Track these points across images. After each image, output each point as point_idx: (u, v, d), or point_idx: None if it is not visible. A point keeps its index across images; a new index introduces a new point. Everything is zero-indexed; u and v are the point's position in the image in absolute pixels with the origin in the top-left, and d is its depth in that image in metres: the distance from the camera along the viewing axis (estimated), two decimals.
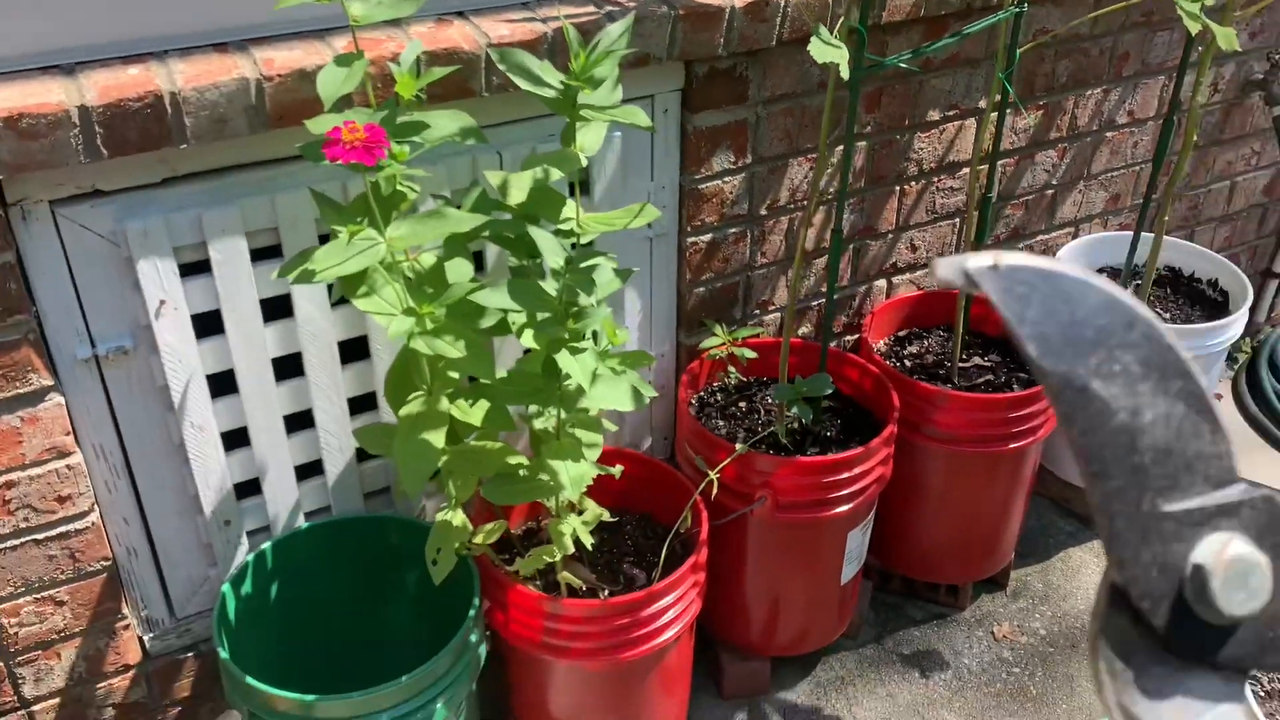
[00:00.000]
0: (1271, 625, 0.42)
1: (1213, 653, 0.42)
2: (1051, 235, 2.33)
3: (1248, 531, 0.43)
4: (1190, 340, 2.11)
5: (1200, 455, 0.43)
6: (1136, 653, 0.42)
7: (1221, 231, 2.65)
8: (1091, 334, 0.42)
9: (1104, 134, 2.25)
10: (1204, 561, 0.41)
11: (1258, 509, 0.43)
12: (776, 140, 1.83)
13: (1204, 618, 0.42)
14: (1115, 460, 0.42)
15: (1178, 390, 0.43)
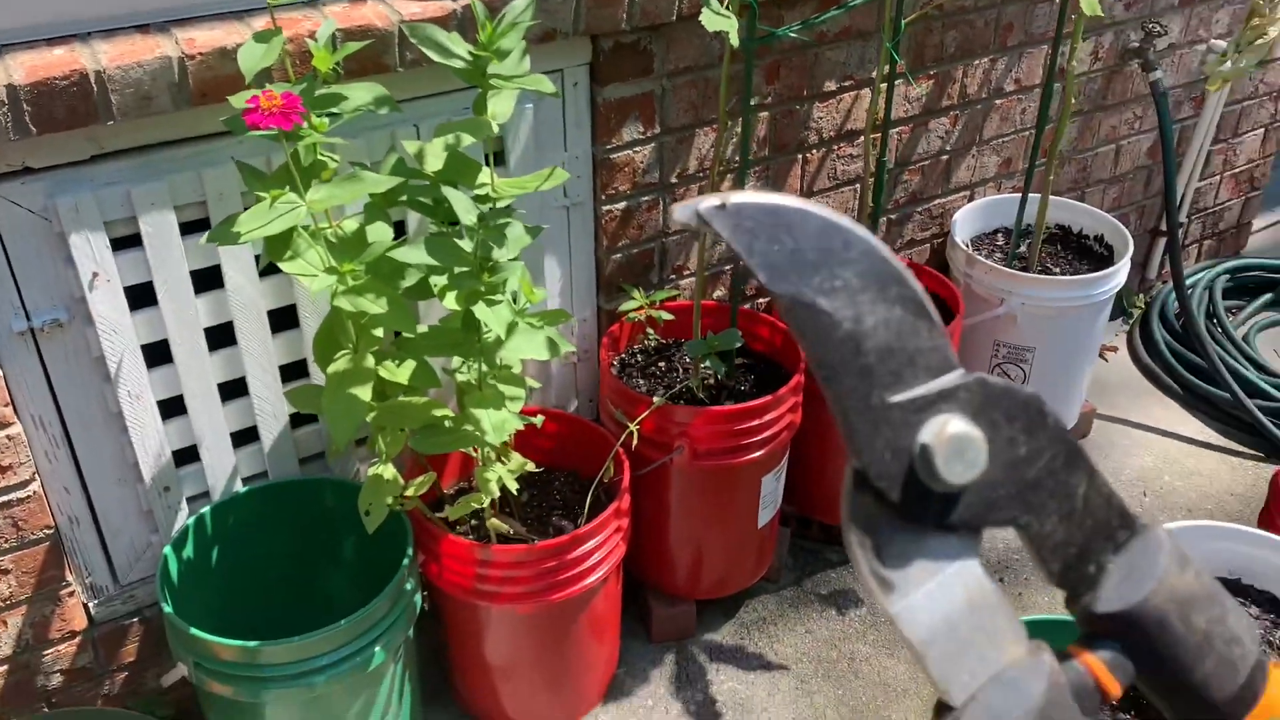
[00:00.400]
0: (992, 489, 0.47)
1: (945, 517, 0.47)
2: (948, 199, 2.47)
3: (964, 411, 0.47)
4: (1077, 290, 2.26)
5: (919, 350, 0.47)
6: (881, 526, 0.47)
7: (1110, 192, 2.81)
8: (813, 256, 0.46)
9: (993, 101, 2.39)
10: (928, 441, 0.46)
11: (972, 391, 0.47)
12: (682, 111, 1.94)
13: (933, 489, 0.47)
14: (843, 364, 0.46)
15: (895, 296, 0.47)
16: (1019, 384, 0.45)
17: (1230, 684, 0.49)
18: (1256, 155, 3.13)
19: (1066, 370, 2.42)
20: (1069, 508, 0.49)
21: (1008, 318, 2.30)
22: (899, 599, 0.47)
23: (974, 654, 0.47)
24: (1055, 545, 0.50)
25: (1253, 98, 2.97)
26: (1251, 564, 1.75)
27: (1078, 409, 2.56)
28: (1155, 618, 0.49)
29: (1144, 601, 0.49)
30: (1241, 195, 3.19)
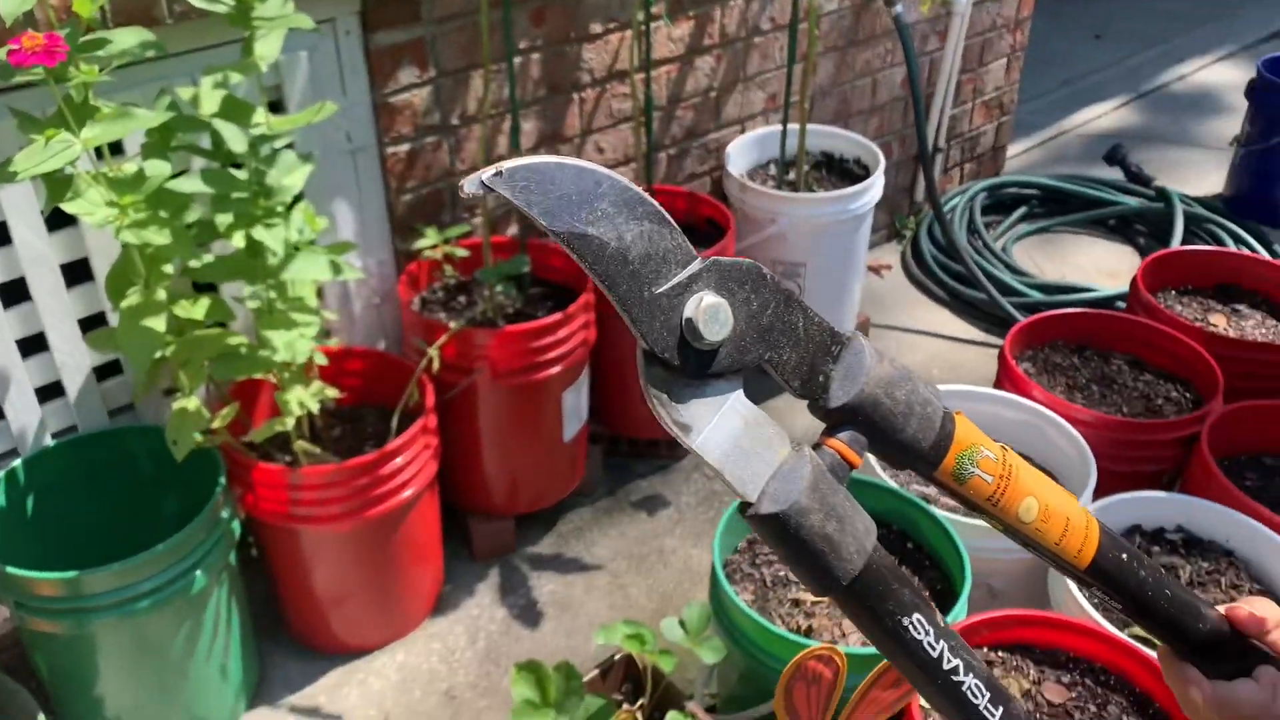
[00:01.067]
0: (740, 338, 0.60)
1: (712, 366, 0.60)
2: (720, 133, 2.67)
3: (709, 286, 0.59)
4: (836, 205, 2.50)
5: (669, 250, 0.58)
6: (669, 385, 0.60)
7: (872, 121, 3.08)
8: (576, 197, 0.56)
9: (752, 39, 2.61)
10: (690, 314, 0.58)
11: (711, 271, 0.59)
12: (455, 55, 2.07)
13: (700, 348, 0.59)
14: (618, 274, 0.57)
15: (641, 214, 0.58)
16: (739, 259, 0.60)
17: (930, 433, 0.65)
18: (1003, 83, 3.46)
19: (837, 281, 2.67)
20: (795, 339, 0.62)
21: (779, 236, 2.53)
22: (696, 435, 0.59)
23: (757, 460, 0.60)
24: (792, 369, 0.63)
25: (993, 29, 3.29)
26: (985, 419, 2.01)
27: (853, 318, 2.82)
28: (870, 400, 0.63)
29: (860, 391, 0.63)
30: (994, 120, 3.53)
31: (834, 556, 0.60)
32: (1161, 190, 3.39)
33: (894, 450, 0.65)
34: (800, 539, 0.59)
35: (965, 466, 0.66)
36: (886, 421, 0.63)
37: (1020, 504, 0.67)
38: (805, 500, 0.59)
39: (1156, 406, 2.06)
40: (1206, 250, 2.50)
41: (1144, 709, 1.48)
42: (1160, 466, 1.96)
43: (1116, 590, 0.72)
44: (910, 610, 0.63)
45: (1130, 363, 2.19)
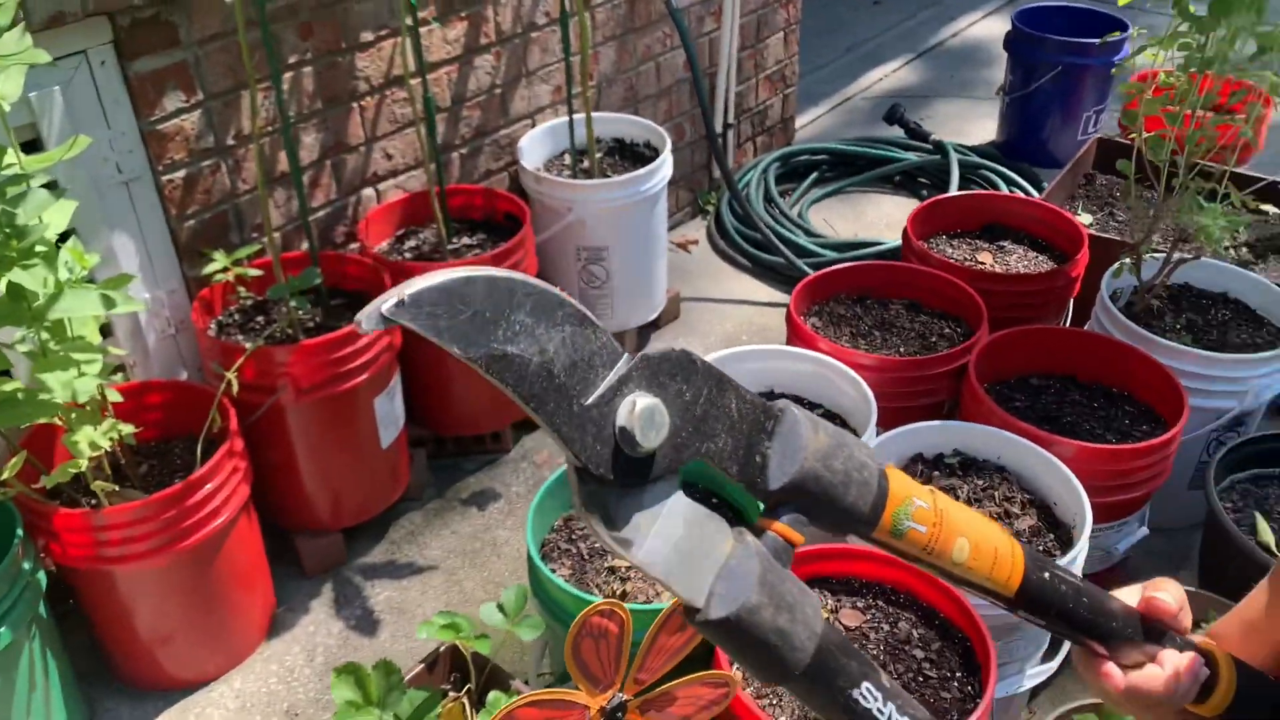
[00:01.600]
0: (676, 435, 0.56)
1: (651, 473, 0.56)
2: (512, 129, 2.72)
3: (641, 386, 0.55)
4: (628, 188, 2.58)
5: (594, 353, 0.54)
6: (606, 500, 0.55)
7: (661, 105, 3.18)
8: (490, 314, 0.51)
9: (529, 35, 2.66)
10: (623, 423, 0.54)
11: (640, 368, 0.55)
12: (221, 76, 2.05)
13: (637, 456, 0.55)
14: (543, 391, 0.52)
15: (561, 318, 0.53)
16: (668, 347, 0.57)
17: (868, 496, 0.62)
18: (783, 56, 3.62)
19: (642, 260, 2.76)
20: (730, 423, 0.58)
21: (578, 223, 2.59)
22: (637, 549, 0.55)
23: (701, 561, 0.57)
24: (729, 455, 0.59)
25: (766, 6, 3.44)
26: (778, 375, 2.13)
27: (663, 295, 2.91)
28: (811, 476, 0.60)
29: (800, 468, 0.59)
30: (779, 93, 3.69)
31: (787, 649, 0.57)
32: (939, 143, 3.61)
33: (835, 522, 0.62)
34: (751, 638, 0.56)
35: (901, 522, 0.63)
36: (827, 495, 0.60)
37: (954, 546, 0.65)
38: (755, 597, 0.56)
39: (932, 344, 2.22)
40: (969, 195, 2.69)
41: (930, 620, 1.61)
42: (939, 398, 2.11)
43: (1041, 610, 0.70)
44: (859, 680, 0.61)
45: (908, 306, 2.34)
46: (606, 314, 2.77)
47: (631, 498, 0.56)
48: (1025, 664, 1.77)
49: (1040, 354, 2.15)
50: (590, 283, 2.72)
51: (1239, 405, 2.08)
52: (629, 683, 1.22)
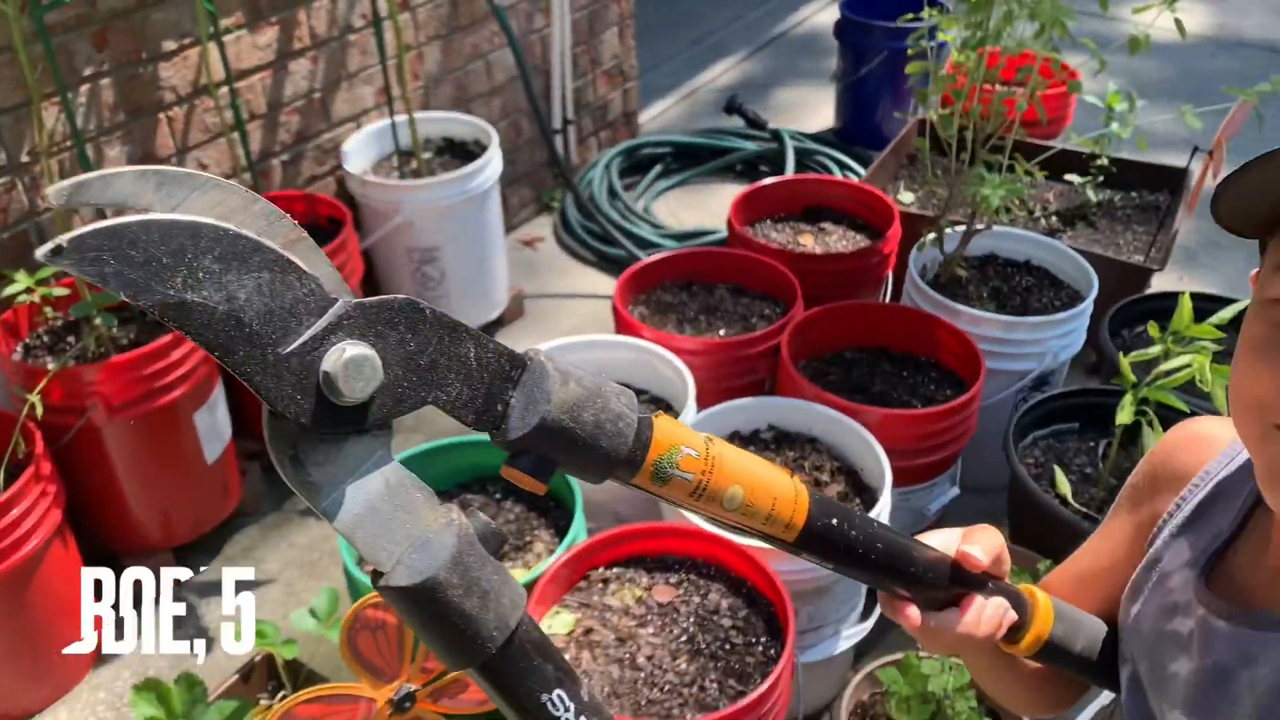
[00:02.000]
0: (396, 386, 0.54)
1: (362, 423, 0.53)
2: (335, 132, 2.69)
3: (352, 334, 0.52)
4: (458, 185, 2.58)
5: (297, 300, 0.51)
6: (301, 443, 0.52)
7: (495, 102, 3.19)
8: (168, 260, 0.47)
9: (346, 38, 2.64)
10: (329, 369, 0.51)
11: (353, 316, 0.52)
12: (8, 91, 1.98)
13: (343, 405, 0.52)
14: (230, 340, 0.49)
15: (258, 264, 0.49)
16: (390, 296, 0.53)
17: (623, 447, 0.60)
18: (619, 51, 3.66)
19: (478, 259, 2.76)
20: (466, 371, 0.56)
21: (407, 225, 2.58)
22: (324, 498, 0.53)
23: (397, 529, 0.54)
24: (465, 403, 0.56)
25: (598, 2, 3.47)
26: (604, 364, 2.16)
27: (504, 293, 2.92)
28: (555, 427, 0.57)
29: (542, 420, 0.57)
30: (618, 88, 3.73)
31: (470, 634, 0.55)
32: (775, 131, 3.70)
33: (585, 470, 0.61)
34: (434, 615, 0.55)
35: (664, 470, 0.62)
36: (574, 444, 0.59)
37: (725, 494, 0.64)
38: (444, 574, 0.54)
39: (753, 325, 2.28)
40: (787, 180, 2.77)
41: (739, 589, 1.66)
42: (761, 376, 2.17)
43: (827, 553, 0.71)
44: (552, 686, 0.59)
45: (732, 290, 2.40)
46: None
47: (332, 446, 0.53)
48: (841, 625, 1.83)
49: (854, 329, 2.23)
50: (425, 284, 2.72)
51: (1039, 366, 2.19)
52: (416, 672, 1.23)
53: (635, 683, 1.52)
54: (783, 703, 1.51)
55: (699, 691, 1.51)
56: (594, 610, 1.63)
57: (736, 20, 5.02)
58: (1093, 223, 2.75)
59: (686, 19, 5.01)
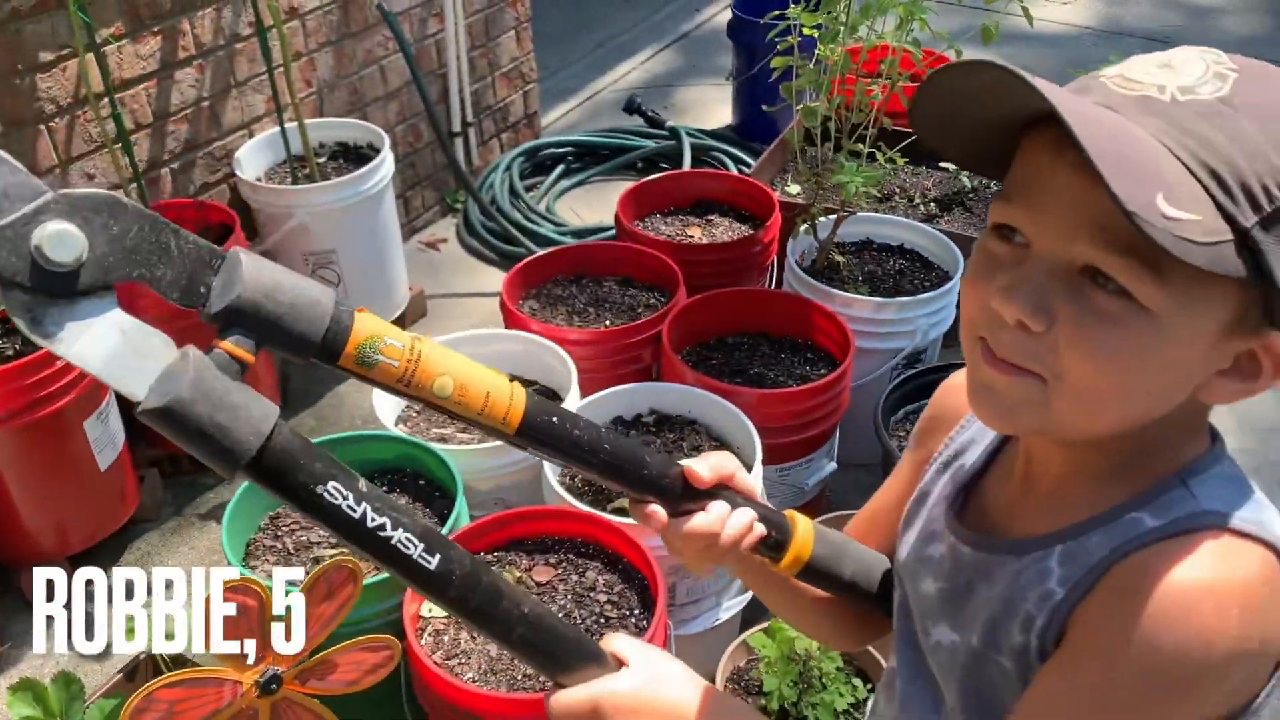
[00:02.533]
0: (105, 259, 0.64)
1: (77, 285, 0.63)
2: (227, 140, 2.71)
3: (60, 216, 0.62)
4: (350, 189, 2.61)
5: (9, 188, 0.61)
6: (32, 307, 0.62)
7: (391, 107, 3.22)
8: None
9: (234, 46, 2.66)
10: (38, 241, 0.61)
11: (60, 202, 0.62)
12: None
13: (55, 270, 0.62)
14: None
15: None
16: (99, 189, 0.67)
17: (319, 329, 0.69)
18: (517, 53, 3.71)
19: (375, 261, 2.80)
20: (168, 257, 0.67)
21: (302, 229, 2.61)
22: (66, 347, 0.63)
23: (142, 364, 0.65)
24: (170, 283, 0.67)
25: (493, 6, 3.52)
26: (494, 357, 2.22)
27: (404, 293, 2.96)
28: (251, 304, 0.67)
29: (239, 296, 0.67)
30: (518, 90, 3.78)
31: (227, 441, 0.64)
32: (673, 129, 3.78)
33: (287, 347, 0.69)
34: (190, 428, 0.64)
35: (368, 355, 0.71)
36: (271, 322, 0.68)
37: (434, 383, 0.73)
38: (189, 394, 0.63)
39: (639, 314, 2.35)
40: (672, 175, 2.85)
41: (615, 566, 1.72)
42: (646, 363, 2.24)
43: (548, 446, 0.80)
44: (325, 479, 0.68)
45: (620, 282, 2.47)
46: None
47: (61, 307, 0.63)
48: (721, 597, 1.91)
49: (735, 315, 2.31)
50: None
51: (911, 344, 2.29)
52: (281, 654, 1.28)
53: (512, 659, 1.58)
54: None
55: None
56: None
57: (642, 22, 5.10)
58: (969, 208, 2.87)
59: (593, 22, 5.07)
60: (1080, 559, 0.70)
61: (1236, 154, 0.61)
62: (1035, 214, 0.66)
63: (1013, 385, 0.69)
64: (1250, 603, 0.65)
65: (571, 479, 1.94)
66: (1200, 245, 0.59)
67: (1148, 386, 0.67)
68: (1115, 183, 0.57)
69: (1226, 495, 0.69)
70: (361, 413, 2.73)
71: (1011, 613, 0.73)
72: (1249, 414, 2.71)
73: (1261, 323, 0.65)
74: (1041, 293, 0.66)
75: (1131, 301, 0.64)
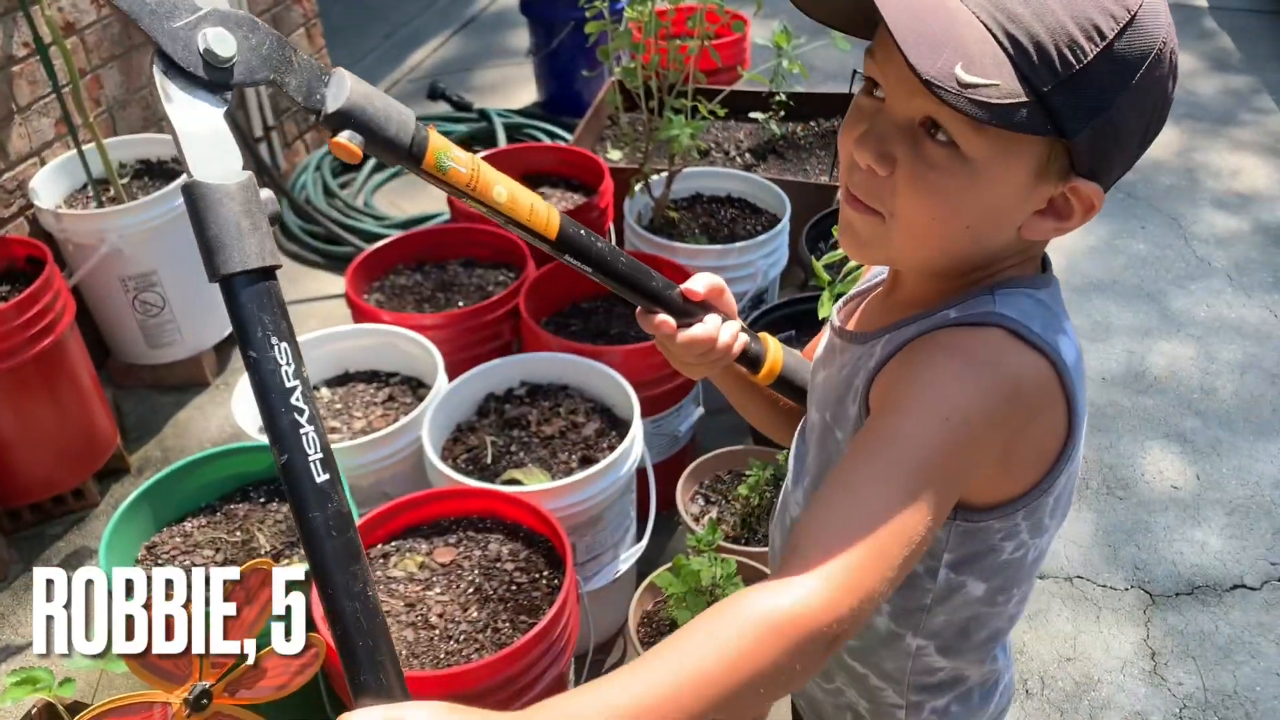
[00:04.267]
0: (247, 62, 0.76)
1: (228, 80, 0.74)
2: (16, 170, 2.54)
3: (218, 24, 0.74)
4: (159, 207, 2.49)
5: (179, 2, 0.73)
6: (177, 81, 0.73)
7: None
8: None
9: (10, 69, 2.49)
10: (207, 40, 0.73)
11: (213, 15, 0.74)
12: None
13: (217, 65, 0.74)
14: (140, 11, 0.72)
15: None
16: (235, 9, 0.78)
17: (407, 135, 0.80)
18: (310, 51, 3.61)
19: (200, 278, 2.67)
20: (292, 67, 0.77)
21: (116, 253, 2.48)
22: (173, 107, 0.73)
23: (213, 151, 0.73)
24: (295, 87, 0.77)
25: (280, 4, 3.41)
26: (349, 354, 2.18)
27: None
28: (357, 108, 0.78)
29: (348, 99, 0.77)
30: None
31: (233, 246, 0.71)
32: (482, 111, 3.77)
33: (383, 148, 0.79)
34: (214, 216, 0.71)
35: (443, 161, 0.82)
36: (373, 123, 0.78)
37: (493, 189, 0.85)
38: (233, 189, 0.72)
39: (490, 293, 2.36)
40: (499, 151, 2.86)
41: (516, 534, 1.75)
42: (507, 339, 2.25)
43: (581, 254, 0.91)
44: (285, 337, 0.73)
45: (464, 264, 2.47)
46: (174, 340, 2.68)
47: (197, 88, 0.73)
48: (618, 549, 1.96)
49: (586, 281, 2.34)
50: (148, 313, 2.62)
51: (754, 286, 2.39)
52: (208, 668, 1.24)
53: (431, 640, 1.58)
54: (573, 626, 1.61)
55: (494, 634, 1.59)
56: (378, 585, 1.67)
57: (427, 9, 5.04)
58: (781, 154, 3.00)
59: (376, 15, 4.98)
60: (896, 340, 0.83)
61: (1037, 24, 0.70)
62: (885, 72, 0.76)
63: (863, 222, 0.81)
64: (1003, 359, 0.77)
65: (454, 459, 1.94)
66: (996, 106, 0.69)
67: (967, 223, 0.77)
68: (912, 53, 0.67)
69: (1026, 309, 0.80)
70: (208, 436, 2.63)
71: (847, 391, 0.87)
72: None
73: (1068, 170, 0.76)
74: (887, 141, 0.76)
75: (957, 151, 0.74)
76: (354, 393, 2.16)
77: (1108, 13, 0.71)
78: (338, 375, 2.21)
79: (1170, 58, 0.75)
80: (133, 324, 2.64)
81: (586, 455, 1.95)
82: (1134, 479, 2.49)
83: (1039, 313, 0.81)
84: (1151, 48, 0.73)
